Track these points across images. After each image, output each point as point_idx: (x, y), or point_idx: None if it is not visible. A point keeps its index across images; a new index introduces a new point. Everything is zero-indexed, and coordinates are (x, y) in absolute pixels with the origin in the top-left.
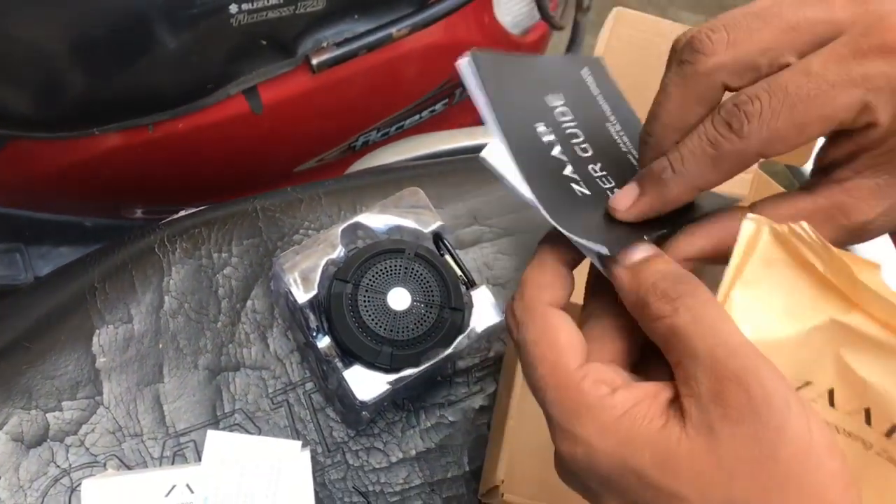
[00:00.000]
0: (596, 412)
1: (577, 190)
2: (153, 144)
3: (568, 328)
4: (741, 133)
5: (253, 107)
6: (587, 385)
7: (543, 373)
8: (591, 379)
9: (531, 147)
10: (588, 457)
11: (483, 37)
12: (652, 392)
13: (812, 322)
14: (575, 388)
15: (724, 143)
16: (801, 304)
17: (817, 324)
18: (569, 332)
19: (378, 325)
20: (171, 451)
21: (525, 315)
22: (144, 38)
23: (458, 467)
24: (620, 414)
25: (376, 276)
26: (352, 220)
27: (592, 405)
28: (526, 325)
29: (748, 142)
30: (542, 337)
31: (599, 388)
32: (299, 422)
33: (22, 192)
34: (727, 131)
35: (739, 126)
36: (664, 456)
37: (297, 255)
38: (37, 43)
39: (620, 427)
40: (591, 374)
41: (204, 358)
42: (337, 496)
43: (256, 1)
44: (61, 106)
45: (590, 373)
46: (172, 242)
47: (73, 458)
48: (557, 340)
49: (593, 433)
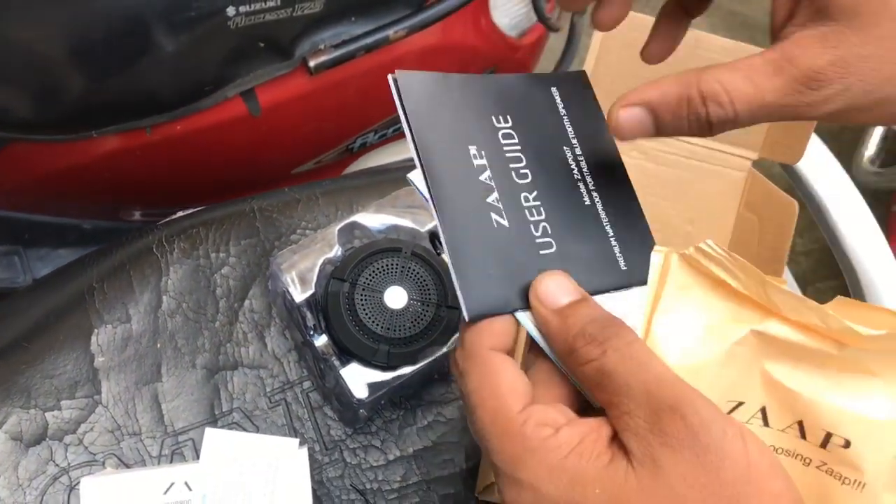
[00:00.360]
0: (541, 455)
1: (494, 220)
2: (151, 147)
3: (510, 372)
4: None
5: (251, 109)
6: (529, 429)
7: (485, 420)
8: (534, 422)
9: (456, 170)
10: (536, 503)
11: (480, 39)
12: (595, 426)
13: (733, 338)
14: (517, 432)
15: None
16: (719, 322)
17: (738, 338)
18: (511, 376)
19: (375, 323)
20: (170, 450)
21: (466, 363)
22: (142, 41)
23: (455, 465)
24: (566, 453)
25: (373, 275)
26: (348, 219)
27: (536, 448)
28: (468, 373)
29: None
30: (484, 383)
31: (542, 431)
32: (297, 420)
33: (20, 194)
34: None
35: None
36: (615, 493)
37: (294, 255)
38: (35, 46)
39: (567, 466)
40: (534, 416)
41: (202, 357)
42: (335, 494)
43: (254, 3)
44: (59, 108)
45: (532, 415)
46: (170, 242)
47: (72, 457)
48: (499, 386)
49: (540, 477)
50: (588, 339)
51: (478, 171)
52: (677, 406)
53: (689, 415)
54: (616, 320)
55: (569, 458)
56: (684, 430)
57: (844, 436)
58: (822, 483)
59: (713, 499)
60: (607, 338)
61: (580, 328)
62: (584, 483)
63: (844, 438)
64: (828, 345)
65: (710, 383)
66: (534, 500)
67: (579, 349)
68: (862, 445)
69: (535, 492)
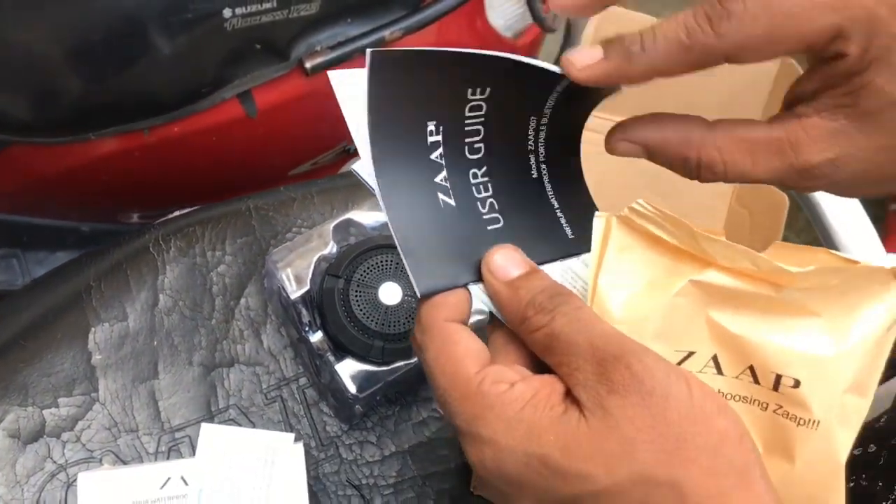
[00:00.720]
0: (498, 409)
1: (441, 199)
2: (149, 149)
3: (465, 339)
4: (718, 30)
5: (248, 110)
6: (486, 386)
7: (445, 385)
8: (490, 379)
9: (405, 153)
10: (496, 458)
11: (475, 40)
12: (549, 381)
13: (673, 289)
14: (475, 391)
15: (700, 35)
16: (659, 277)
17: (677, 290)
18: (466, 342)
19: (369, 319)
20: (167, 447)
21: (424, 336)
22: (139, 43)
23: (450, 460)
24: (522, 406)
25: (368, 272)
26: (343, 216)
27: (493, 404)
28: (426, 346)
29: (722, 41)
30: (441, 351)
31: (498, 387)
32: (293, 416)
33: (18, 197)
34: (706, 24)
35: (718, 22)
36: (567, 439)
37: (289, 252)
38: (32, 48)
39: (523, 418)
40: (490, 375)
41: (198, 354)
42: (330, 489)
43: (250, 5)
44: (57, 111)
45: (488, 374)
46: (167, 241)
47: (70, 454)
48: (455, 352)
49: (498, 430)
50: (538, 308)
51: (430, 148)
52: (621, 356)
53: (633, 363)
54: (564, 289)
55: (524, 410)
56: (629, 376)
57: (793, 376)
58: (780, 426)
59: (660, 439)
60: (556, 305)
61: (530, 298)
62: (540, 432)
63: (793, 378)
64: (765, 288)
65: (656, 335)
66: (494, 453)
67: (530, 318)
68: (811, 383)
69: (494, 445)
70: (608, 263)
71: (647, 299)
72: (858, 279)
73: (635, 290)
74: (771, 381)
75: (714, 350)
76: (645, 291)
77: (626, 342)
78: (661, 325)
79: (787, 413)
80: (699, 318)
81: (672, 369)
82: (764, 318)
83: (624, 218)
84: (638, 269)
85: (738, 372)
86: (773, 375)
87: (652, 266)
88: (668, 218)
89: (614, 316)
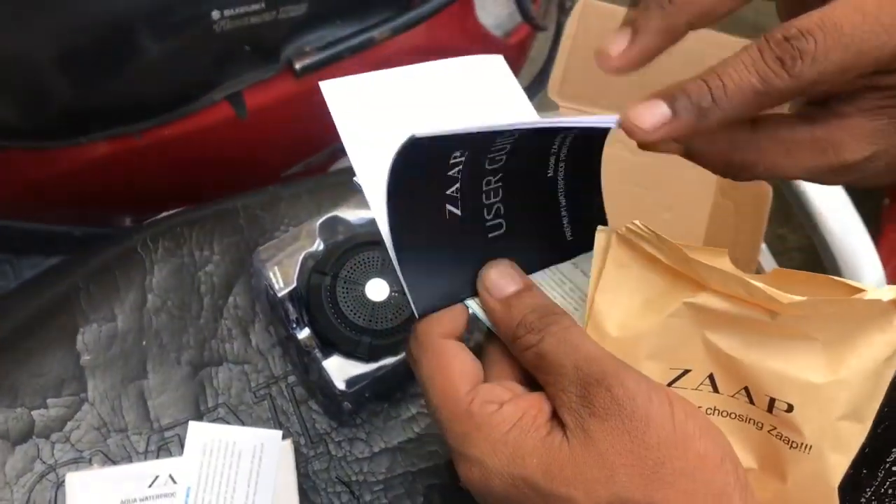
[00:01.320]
0: (486, 431)
1: (447, 210)
2: (140, 152)
3: (460, 356)
4: (793, 71)
5: (238, 112)
6: (476, 406)
7: (438, 404)
8: (480, 400)
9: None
10: (483, 477)
11: (465, 39)
12: (537, 402)
13: (668, 310)
14: (465, 411)
15: (775, 80)
16: (655, 296)
17: (672, 311)
18: (460, 360)
19: (357, 315)
20: (156, 446)
21: (419, 351)
22: (128, 47)
23: (439, 456)
24: (508, 428)
25: (354, 268)
26: (330, 214)
27: (481, 424)
28: (420, 361)
29: (797, 81)
30: (435, 369)
31: (487, 408)
32: (282, 414)
33: (10, 202)
34: (779, 68)
35: (792, 64)
36: (549, 462)
37: (276, 250)
38: (21, 53)
39: (508, 440)
40: (480, 395)
41: (187, 354)
42: (320, 486)
43: (238, 7)
44: (47, 115)
45: (479, 394)
46: (155, 242)
47: (59, 455)
48: (449, 370)
49: (485, 451)
50: (529, 328)
51: (451, 167)
52: (603, 379)
53: (614, 386)
54: (555, 308)
55: (510, 433)
56: (610, 400)
57: (787, 400)
58: (774, 446)
59: (639, 462)
60: (546, 325)
61: (522, 317)
62: (524, 455)
63: (787, 403)
64: (760, 313)
65: (651, 353)
66: (481, 474)
67: (521, 337)
68: (804, 409)
69: (481, 466)
70: (606, 280)
71: (642, 318)
72: (857, 307)
73: (632, 309)
74: (765, 403)
75: (710, 369)
76: (641, 310)
77: (609, 364)
78: (657, 344)
79: (781, 435)
80: (695, 338)
81: (654, 391)
82: (759, 341)
83: (622, 237)
84: (635, 287)
85: (733, 391)
86: (768, 398)
87: (648, 285)
88: (663, 241)
89: (610, 333)
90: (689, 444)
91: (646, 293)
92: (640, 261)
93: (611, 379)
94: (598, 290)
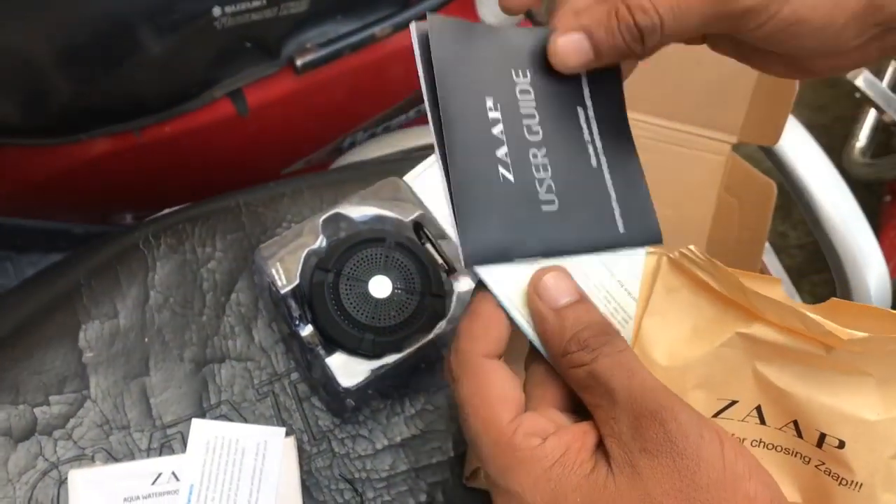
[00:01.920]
0: (528, 465)
1: (502, 174)
2: (140, 149)
3: (502, 380)
4: None
5: (239, 109)
6: (518, 439)
7: (478, 429)
8: (523, 432)
9: (470, 120)
10: None
11: None
12: (581, 434)
13: (719, 339)
14: (507, 442)
15: None
16: (706, 324)
17: (724, 340)
18: (502, 384)
19: (360, 312)
20: (159, 443)
21: (459, 370)
22: (129, 44)
23: (442, 453)
24: (551, 464)
25: (357, 265)
26: (332, 210)
27: (524, 459)
28: (461, 381)
29: None
30: (476, 392)
31: (531, 440)
32: (285, 411)
33: (10, 199)
34: None
35: None
36: (593, 500)
37: (278, 247)
38: (21, 50)
39: (551, 476)
40: (523, 426)
41: (189, 351)
42: (323, 484)
43: (239, 3)
44: (47, 113)
45: (522, 424)
46: (157, 238)
47: (62, 452)
48: (490, 394)
49: (526, 487)
50: (582, 345)
51: (491, 123)
52: (657, 412)
53: (667, 420)
54: (610, 327)
55: (553, 469)
56: (663, 435)
57: (838, 436)
58: (822, 482)
59: (686, 503)
60: (600, 344)
61: (575, 333)
62: (566, 492)
63: (838, 439)
64: (815, 346)
65: (699, 382)
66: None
67: (573, 353)
68: (855, 446)
69: (521, 501)
70: (655, 304)
71: (691, 346)
72: None
73: (680, 335)
74: (815, 437)
75: (758, 401)
76: (689, 337)
77: (663, 396)
78: (705, 373)
79: (830, 471)
80: (745, 369)
81: (706, 428)
82: (812, 375)
83: (674, 260)
84: (684, 313)
85: (781, 424)
86: (818, 433)
87: (698, 311)
88: (717, 268)
89: (656, 360)
90: (738, 486)
91: (695, 319)
92: (690, 286)
93: (665, 413)
94: (646, 314)
